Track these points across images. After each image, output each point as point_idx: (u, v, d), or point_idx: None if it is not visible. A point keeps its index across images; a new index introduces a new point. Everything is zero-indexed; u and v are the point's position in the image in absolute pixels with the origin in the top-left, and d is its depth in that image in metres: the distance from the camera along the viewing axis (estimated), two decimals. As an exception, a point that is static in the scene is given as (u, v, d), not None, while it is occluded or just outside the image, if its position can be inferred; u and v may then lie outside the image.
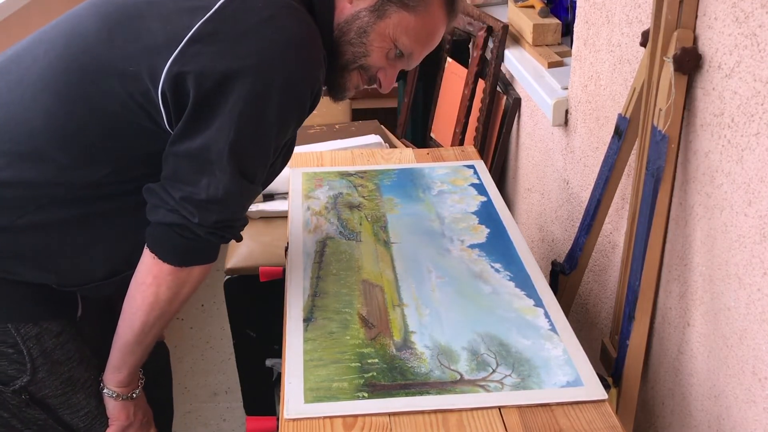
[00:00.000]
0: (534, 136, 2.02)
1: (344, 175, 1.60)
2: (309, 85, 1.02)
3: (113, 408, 1.15)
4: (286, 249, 1.35)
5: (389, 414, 0.98)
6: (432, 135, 2.52)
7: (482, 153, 2.19)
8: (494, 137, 2.23)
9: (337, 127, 2.30)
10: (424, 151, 1.73)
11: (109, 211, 1.06)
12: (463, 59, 2.37)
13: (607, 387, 1.22)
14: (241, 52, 0.96)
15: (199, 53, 0.96)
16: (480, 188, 1.54)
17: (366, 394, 1.01)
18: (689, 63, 1.10)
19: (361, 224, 1.41)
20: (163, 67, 0.96)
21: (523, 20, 2.07)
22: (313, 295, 1.21)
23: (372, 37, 1.09)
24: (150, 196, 1.02)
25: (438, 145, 2.43)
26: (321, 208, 1.47)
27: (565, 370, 1.05)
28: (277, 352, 1.22)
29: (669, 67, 1.11)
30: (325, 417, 0.98)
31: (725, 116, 1.05)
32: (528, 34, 2.02)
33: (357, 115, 2.74)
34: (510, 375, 1.04)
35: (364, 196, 1.51)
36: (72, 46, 1.02)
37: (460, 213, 1.45)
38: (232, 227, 1.05)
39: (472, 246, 1.34)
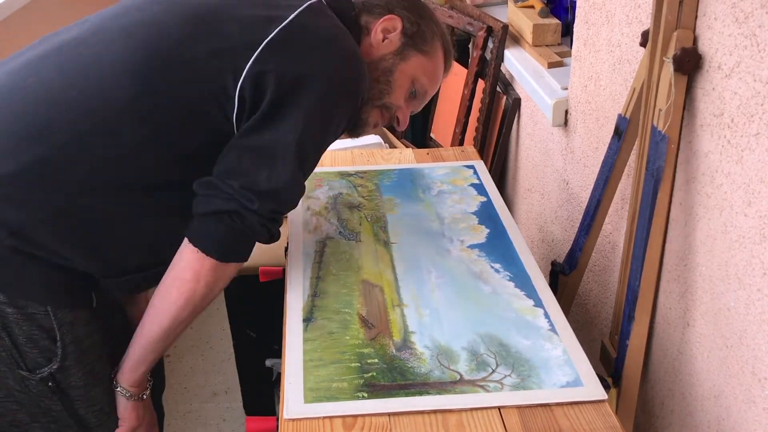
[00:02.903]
0: (534, 137, 2.02)
1: (344, 175, 1.60)
2: (360, 94, 1.16)
3: (125, 408, 1.16)
4: (286, 249, 1.35)
5: (389, 414, 0.98)
6: (432, 135, 2.52)
7: (482, 153, 2.19)
8: (494, 137, 2.23)
9: (337, 127, 2.29)
10: (424, 151, 1.73)
11: (162, 204, 1.12)
12: (463, 59, 2.37)
13: (607, 387, 1.22)
14: (313, 59, 1.09)
15: (277, 55, 1.07)
16: (480, 188, 1.54)
17: (366, 394, 1.01)
18: (689, 63, 1.10)
19: (360, 224, 1.41)
20: (245, 65, 1.06)
21: (523, 20, 2.07)
22: (313, 295, 1.21)
23: (396, 75, 1.24)
24: (203, 188, 1.08)
25: (438, 146, 2.43)
26: (321, 208, 1.47)
27: (565, 371, 1.05)
28: (277, 352, 1.21)
29: (669, 68, 1.11)
30: (324, 417, 0.98)
31: (725, 116, 1.05)
32: (528, 35, 2.02)
33: (357, 115, 2.74)
34: (510, 375, 1.04)
35: (363, 196, 1.51)
36: (153, 37, 1.09)
37: (459, 213, 1.45)
38: (278, 221, 1.13)
39: (471, 246, 1.34)
